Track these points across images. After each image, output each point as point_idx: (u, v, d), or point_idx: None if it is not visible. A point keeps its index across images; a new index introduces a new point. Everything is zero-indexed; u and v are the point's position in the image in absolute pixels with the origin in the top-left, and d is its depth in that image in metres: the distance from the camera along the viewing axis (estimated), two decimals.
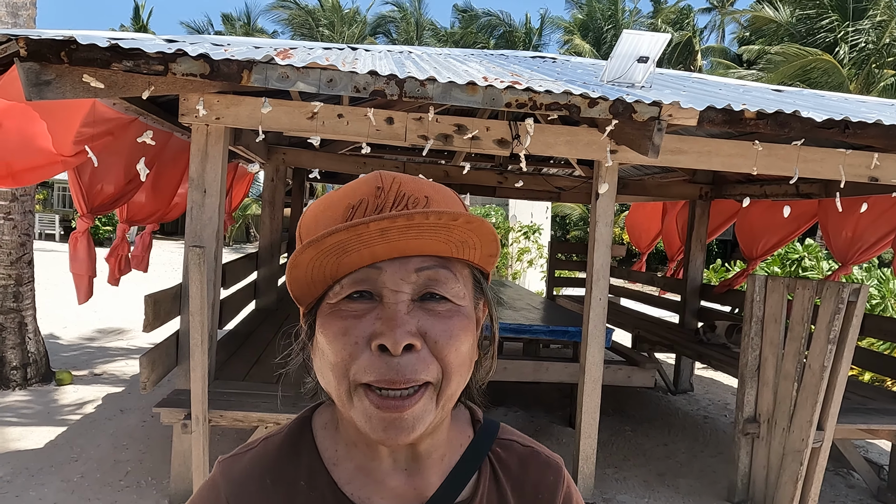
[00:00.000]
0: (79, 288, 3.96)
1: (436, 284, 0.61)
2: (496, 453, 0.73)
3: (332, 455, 0.68)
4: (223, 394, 3.25)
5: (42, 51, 2.47)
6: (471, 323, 0.63)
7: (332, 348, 0.60)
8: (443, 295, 0.61)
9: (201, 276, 2.87)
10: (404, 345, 0.58)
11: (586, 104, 2.87)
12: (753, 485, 3.75)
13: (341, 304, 0.61)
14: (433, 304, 0.61)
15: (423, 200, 0.62)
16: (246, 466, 0.68)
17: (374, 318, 0.59)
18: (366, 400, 0.59)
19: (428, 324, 0.60)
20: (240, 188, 7.48)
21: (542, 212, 13.98)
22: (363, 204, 0.61)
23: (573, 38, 24.74)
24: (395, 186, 0.62)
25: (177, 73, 2.61)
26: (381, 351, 0.58)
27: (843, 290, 3.32)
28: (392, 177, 0.63)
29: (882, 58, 14.96)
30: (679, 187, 6.18)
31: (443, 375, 0.60)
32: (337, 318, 0.60)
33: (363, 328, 0.59)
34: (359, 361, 0.59)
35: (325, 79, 2.71)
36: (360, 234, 0.56)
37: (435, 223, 0.57)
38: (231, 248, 20.69)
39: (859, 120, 3.05)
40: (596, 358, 3.64)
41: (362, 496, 0.65)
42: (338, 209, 0.62)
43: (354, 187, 0.63)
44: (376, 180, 0.63)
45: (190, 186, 3.24)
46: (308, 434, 0.70)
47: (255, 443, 0.71)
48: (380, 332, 0.58)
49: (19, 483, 3.49)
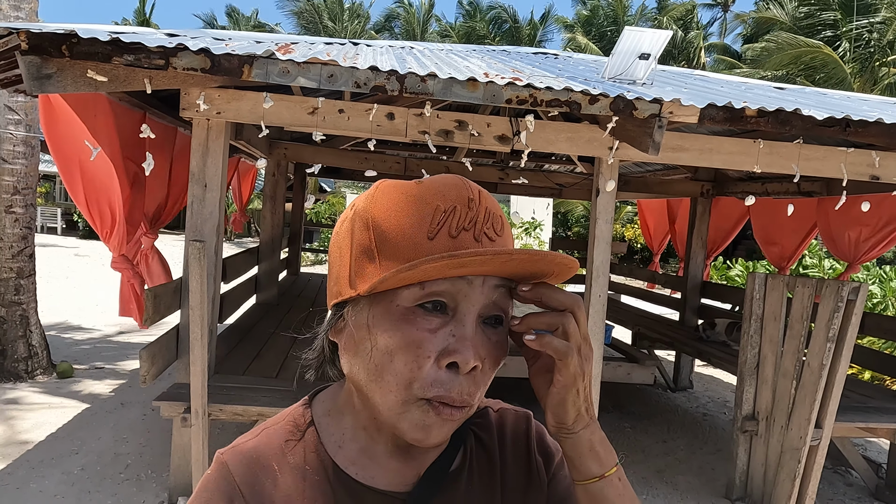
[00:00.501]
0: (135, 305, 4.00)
1: (500, 308, 0.63)
2: (476, 423, 0.79)
3: (335, 440, 0.70)
4: (223, 388, 3.26)
5: (43, 44, 2.47)
6: (508, 347, 0.66)
7: (402, 357, 0.60)
8: (501, 320, 0.64)
9: (201, 270, 2.87)
10: (472, 366, 0.60)
11: (587, 101, 2.87)
12: (752, 482, 3.76)
13: (417, 312, 0.60)
14: (491, 331, 0.63)
15: (500, 221, 0.65)
16: (252, 455, 0.69)
17: (448, 335, 0.60)
18: (418, 410, 0.61)
19: (487, 350, 0.62)
20: (246, 183, 7.49)
21: (543, 208, 13.98)
22: (456, 213, 0.61)
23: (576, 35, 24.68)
24: (483, 201, 0.64)
25: (178, 68, 2.61)
26: (450, 368, 0.60)
27: (843, 289, 3.32)
28: (477, 189, 0.65)
29: (885, 55, 14.91)
30: (681, 185, 6.17)
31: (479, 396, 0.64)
32: (411, 326, 0.60)
33: (437, 343, 0.60)
34: (427, 375, 0.60)
35: (326, 74, 2.71)
36: (483, 262, 0.57)
37: (545, 263, 0.60)
38: (232, 242, 20.71)
39: (860, 118, 3.04)
40: (595, 354, 3.64)
41: (366, 476, 0.69)
42: (427, 208, 0.61)
43: (442, 190, 0.63)
44: (466, 189, 0.64)
45: (191, 181, 3.24)
46: (310, 421, 0.72)
47: (255, 433, 0.72)
48: (453, 350, 0.59)
49: (20, 475, 3.51)
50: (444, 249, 0.59)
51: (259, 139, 4.54)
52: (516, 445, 0.79)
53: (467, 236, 0.61)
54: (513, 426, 0.81)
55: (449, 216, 0.61)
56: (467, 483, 0.73)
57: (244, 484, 0.67)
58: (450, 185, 0.64)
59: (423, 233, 0.60)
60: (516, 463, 0.78)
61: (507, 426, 0.80)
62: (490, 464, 0.76)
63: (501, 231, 0.64)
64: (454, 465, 0.73)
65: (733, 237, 6.60)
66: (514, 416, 0.82)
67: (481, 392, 0.63)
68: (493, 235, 0.63)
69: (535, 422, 0.83)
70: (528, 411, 0.84)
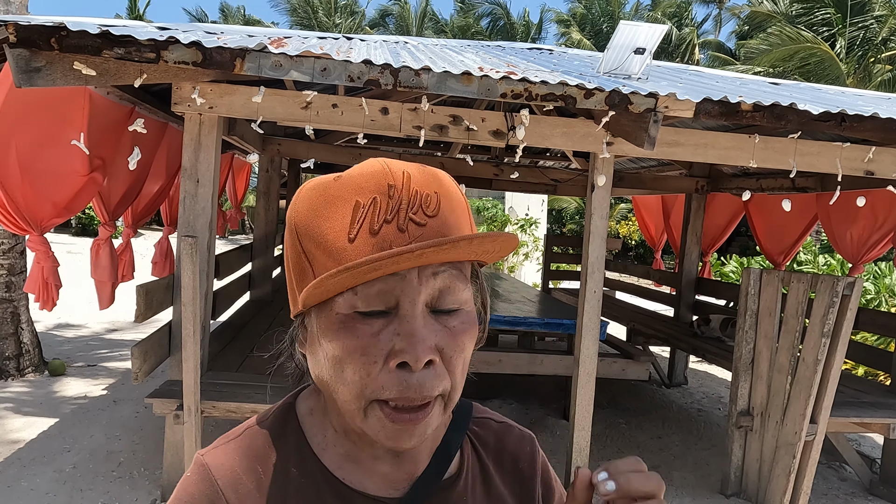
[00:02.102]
0: (101, 294, 3.95)
1: (449, 293, 0.59)
2: (474, 431, 0.75)
3: (320, 441, 0.67)
4: (216, 385, 3.24)
5: (32, 37, 2.44)
6: (474, 327, 0.62)
7: (350, 367, 0.58)
8: (456, 307, 0.60)
9: (194, 266, 2.85)
10: (425, 361, 0.57)
11: (582, 95, 2.85)
12: (746, 477, 3.76)
13: (355, 319, 0.57)
14: (446, 318, 0.59)
15: (435, 199, 0.59)
16: (234, 456, 0.65)
17: (393, 334, 0.57)
18: (380, 413, 0.58)
19: (443, 339, 0.58)
20: (240, 179, 7.45)
21: (538, 205, 13.97)
22: (375, 205, 0.57)
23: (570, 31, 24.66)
24: (407, 183, 0.58)
25: (169, 61, 2.58)
26: (401, 368, 0.57)
27: (838, 284, 3.32)
28: (400, 170, 0.59)
29: (880, 52, 14.95)
30: (675, 181, 6.17)
31: (451, 387, 0.60)
32: (351, 334, 0.57)
33: (382, 345, 0.57)
34: (377, 380, 0.57)
35: (319, 68, 2.69)
36: (397, 260, 0.54)
37: (468, 248, 0.56)
38: (226, 239, 20.63)
39: (856, 113, 3.04)
40: (590, 351, 3.63)
41: (354, 480, 0.65)
42: (345, 207, 0.57)
43: (360, 182, 0.58)
44: (386, 175, 0.59)
45: (183, 176, 3.21)
46: (294, 421, 0.69)
47: (237, 433, 0.69)
48: (400, 350, 0.56)
49: (11, 473, 3.48)
50: (366, 250, 0.56)
51: (253, 135, 4.51)
52: (515, 466, 0.76)
53: (390, 229, 0.57)
54: (514, 446, 0.77)
55: (368, 211, 0.57)
56: (461, 493, 0.70)
57: (226, 487, 0.64)
58: (368, 174, 0.59)
59: (344, 236, 0.57)
60: (512, 483, 0.75)
61: (508, 444, 0.77)
62: (485, 476, 0.73)
63: (436, 210, 0.58)
64: (449, 473, 0.70)
65: (729, 233, 6.60)
66: (517, 434, 0.79)
67: (452, 381, 0.60)
68: (423, 219, 0.57)
69: (541, 450, 0.80)
70: (532, 434, 0.81)
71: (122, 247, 4.24)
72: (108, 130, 3.39)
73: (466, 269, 0.62)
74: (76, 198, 3.32)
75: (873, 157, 3.61)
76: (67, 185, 3.25)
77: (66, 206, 3.32)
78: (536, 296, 5.98)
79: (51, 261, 3.40)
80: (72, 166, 3.22)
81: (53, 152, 3.17)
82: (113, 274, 3.90)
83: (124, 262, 4.27)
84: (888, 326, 4.36)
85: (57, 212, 3.29)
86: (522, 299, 5.55)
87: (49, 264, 3.38)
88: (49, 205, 3.26)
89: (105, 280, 3.90)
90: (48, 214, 3.28)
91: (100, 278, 3.89)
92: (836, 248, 5.35)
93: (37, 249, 3.36)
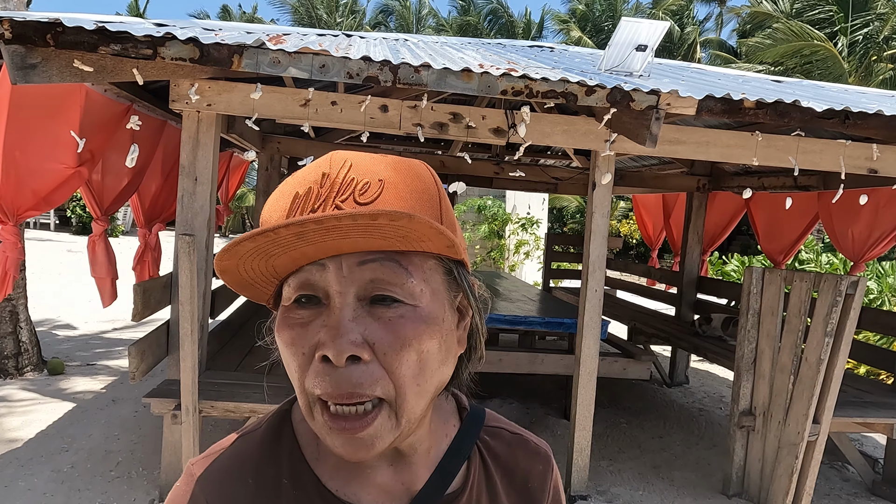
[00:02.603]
0: (102, 292, 3.92)
1: (384, 284, 0.55)
2: (484, 441, 0.71)
3: (313, 450, 0.64)
4: (214, 384, 3.22)
5: (27, 33, 2.42)
6: (431, 325, 0.57)
7: (286, 358, 0.57)
8: (393, 297, 0.56)
9: (191, 264, 2.83)
10: (347, 356, 0.53)
11: (583, 92, 2.83)
12: (748, 477, 3.74)
13: (290, 310, 0.57)
14: (382, 310, 0.55)
15: (377, 185, 0.56)
16: (224, 467, 0.63)
17: (320, 326, 0.55)
18: (322, 417, 0.55)
19: (376, 333, 0.55)
20: (235, 177, 7.42)
21: (538, 204, 13.94)
22: (309, 194, 0.56)
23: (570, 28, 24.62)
24: (343, 171, 0.56)
25: (166, 58, 2.55)
26: (324, 362, 0.54)
27: (841, 283, 3.29)
28: (343, 159, 0.58)
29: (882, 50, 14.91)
30: (677, 179, 6.15)
31: (395, 391, 0.55)
32: (286, 326, 0.57)
33: (309, 337, 0.55)
34: (308, 374, 0.55)
35: (318, 64, 2.66)
36: (275, 239, 0.52)
37: (351, 223, 0.51)
38: (227, 238, 20.62)
39: (860, 110, 3.01)
40: (591, 350, 3.61)
41: (348, 493, 0.62)
42: (287, 199, 0.57)
43: (305, 173, 0.58)
44: (325, 164, 0.58)
45: (181, 174, 3.19)
46: (288, 428, 0.66)
47: (230, 440, 0.66)
48: (323, 342, 0.54)
49: (9, 473, 3.46)
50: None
51: (251, 133, 4.49)
52: (525, 485, 0.72)
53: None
54: (527, 461, 0.73)
55: (302, 201, 0.56)
56: None
57: (215, 500, 0.61)
58: (312, 166, 0.58)
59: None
60: (519, 500, 0.71)
61: (520, 459, 0.73)
62: (491, 492, 0.69)
63: (374, 198, 0.55)
64: (453, 487, 0.66)
65: (730, 232, 6.57)
66: (532, 449, 0.74)
67: (395, 382, 0.55)
68: (352, 206, 0.55)
69: (554, 465, 0.76)
70: (547, 446, 0.76)
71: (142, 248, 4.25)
72: (101, 126, 3.36)
73: (411, 263, 0.57)
74: (57, 190, 3.27)
75: (877, 155, 3.58)
76: (51, 176, 3.22)
77: (46, 198, 3.27)
78: (537, 294, 5.96)
79: (17, 252, 3.34)
80: (59, 158, 3.18)
81: (42, 143, 3.14)
82: (112, 269, 3.88)
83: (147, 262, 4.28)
84: (891, 326, 4.33)
85: (35, 202, 3.25)
86: (523, 298, 5.53)
87: (15, 255, 3.32)
88: (29, 194, 3.22)
89: (104, 276, 3.88)
90: (27, 205, 3.24)
91: (99, 275, 3.87)
92: (837, 246, 5.32)
93: (6, 239, 3.31)
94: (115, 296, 3.97)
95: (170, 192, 4.54)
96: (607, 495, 3.72)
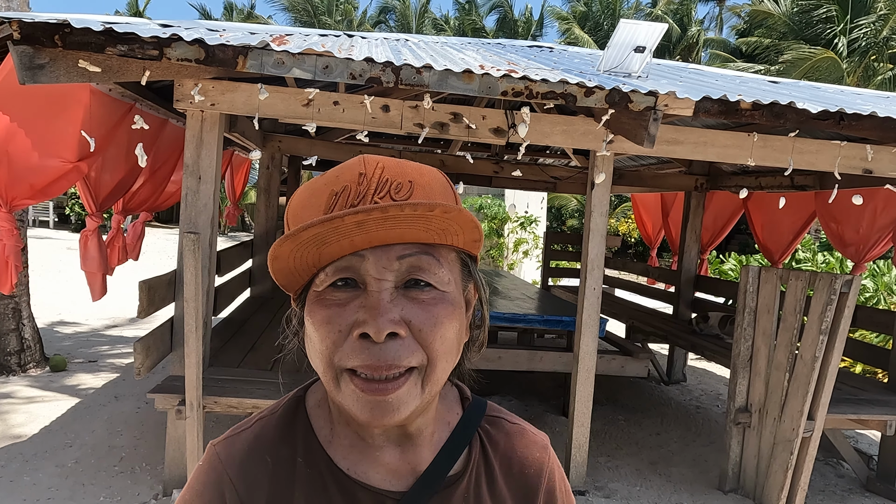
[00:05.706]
0: (92, 286, 3.95)
1: (419, 271, 0.61)
2: (485, 429, 0.75)
3: (326, 433, 0.69)
4: (218, 380, 3.26)
5: (36, 34, 2.45)
6: (456, 308, 0.64)
7: (318, 336, 0.61)
8: (427, 282, 0.62)
9: (196, 262, 2.87)
10: (387, 333, 0.58)
11: (582, 93, 2.87)
12: (744, 474, 3.78)
13: (326, 293, 0.62)
14: (417, 292, 0.61)
15: (407, 186, 0.62)
16: (244, 447, 0.68)
17: (358, 307, 0.60)
18: (351, 384, 0.60)
19: (412, 312, 0.60)
20: (239, 176, 7.46)
21: (537, 202, 13.96)
22: (346, 191, 0.61)
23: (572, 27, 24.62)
24: (378, 172, 0.62)
25: (172, 59, 2.59)
26: (362, 338, 0.59)
27: (836, 282, 3.34)
28: (375, 162, 0.63)
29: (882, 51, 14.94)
30: (675, 178, 6.18)
31: (428, 361, 0.61)
32: (321, 306, 0.62)
33: (347, 317, 0.60)
34: (343, 349, 0.60)
35: (321, 65, 2.70)
36: (337, 227, 0.57)
37: (411, 214, 0.58)
38: (227, 236, 20.65)
39: (854, 112, 3.06)
40: (590, 347, 3.65)
41: (358, 472, 0.67)
42: (322, 196, 0.62)
43: (338, 173, 0.63)
44: (359, 166, 0.63)
45: (185, 173, 3.23)
46: (302, 413, 0.71)
47: (249, 423, 0.71)
48: (362, 321, 0.59)
49: (14, 468, 3.50)
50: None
51: (253, 132, 4.52)
52: (522, 471, 0.75)
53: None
54: (525, 449, 0.76)
55: (340, 197, 0.61)
56: (463, 492, 0.70)
57: (236, 477, 0.66)
58: (345, 167, 0.63)
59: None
60: (517, 489, 0.74)
61: (518, 447, 0.76)
62: (490, 477, 0.73)
63: (407, 196, 0.61)
64: (454, 470, 0.70)
65: (728, 231, 6.61)
66: (530, 438, 0.78)
67: (428, 355, 0.61)
68: (389, 202, 0.60)
69: (552, 454, 0.79)
70: (545, 436, 0.80)
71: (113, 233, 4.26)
72: (103, 124, 3.39)
73: (442, 255, 0.63)
74: (54, 183, 3.29)
75: (872, 155, 3.63)
76: (50, 169, 3.25)
77: (42, 190, 3.29)
78: (536, 293, 6.00)
79: (14, 240, 3.34)
80: (60, 153, 3.21)
81: (44, 137, 3.17)
82: (103, 265, 3.91)
83: (117, 246, 4.28)
84: (886, 324, 4.38)
85: (32, 193, 3.27)
86: (522, 296, 5.57)
87: (12, 243, 3.32)
88: (26, 185, 3.25)
89: (95, 271, 3.90)
90: (22, 194, 3.26)
91: (90, 269, 3.89)
92: (837, 247, 5.36)
93: (1, 227, 3.34)
94: (104, 290, 4.00)
95: (156, 185, 4.56)
96: (605, 491, 3.77)
